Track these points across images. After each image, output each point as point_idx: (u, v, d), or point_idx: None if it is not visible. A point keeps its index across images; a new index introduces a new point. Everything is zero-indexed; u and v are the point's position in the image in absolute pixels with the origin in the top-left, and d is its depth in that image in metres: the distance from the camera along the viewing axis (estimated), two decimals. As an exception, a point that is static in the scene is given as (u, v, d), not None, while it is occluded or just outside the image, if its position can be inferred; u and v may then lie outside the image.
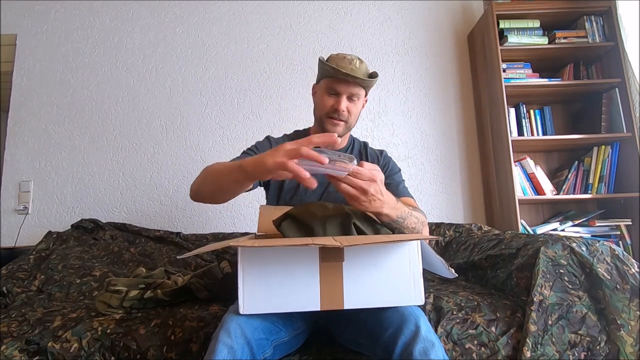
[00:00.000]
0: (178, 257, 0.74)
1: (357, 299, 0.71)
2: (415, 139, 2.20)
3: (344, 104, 1.10)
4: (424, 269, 0.75)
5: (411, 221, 0.90)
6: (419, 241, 0.74)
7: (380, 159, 1.24)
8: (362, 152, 1.25)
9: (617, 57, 1.97)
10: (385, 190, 0.80)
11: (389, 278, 0.72)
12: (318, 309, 0.70)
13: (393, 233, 0.96)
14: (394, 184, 1.18)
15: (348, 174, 0.72)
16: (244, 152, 1.16)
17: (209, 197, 0.96)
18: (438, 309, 0.93)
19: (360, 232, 0.82)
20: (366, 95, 1.17)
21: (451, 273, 0.83)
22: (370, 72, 1.13)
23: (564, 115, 2.22)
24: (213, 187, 0.92)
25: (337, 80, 1.08)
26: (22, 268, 1.41)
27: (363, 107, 1.20)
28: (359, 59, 1.10)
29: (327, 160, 0.67)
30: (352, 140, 1.27)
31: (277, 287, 0.71)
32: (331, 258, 0.71)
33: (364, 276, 0.72)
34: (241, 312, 0.70)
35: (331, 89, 1.11)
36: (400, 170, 1.26)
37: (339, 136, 1.13)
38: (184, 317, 0.94)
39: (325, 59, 1.12)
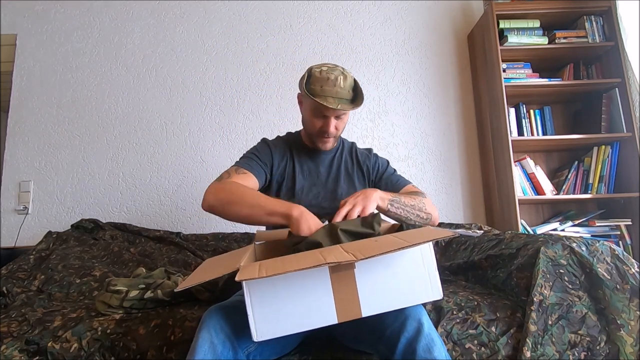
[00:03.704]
0: (175, 290, 0.69)
1: (375, 305, 0.68)
2: (415, 139, 2.20)
3: (333, 125, 1.10)
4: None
5: (406, 200, 1.05)
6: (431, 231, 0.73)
7: (370, 157, 1.27)
8: (352, 152, 1.27)
9: (617, 57, 1.97)
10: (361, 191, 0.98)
11: (403, 277, 0.69)
12: (336, 321, 0.66)
13: (396, 218, 1.04)
14: (393, 180, 1.22)
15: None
16: (244, 157, 1.16)
17: (230, 217, 1.01)
18: (438, 309, 0.93)
19: (347, 232, 0.82)
20: None
21: (476, 233, 0.81)
22: (354, 83, 1.10)
23: (564, 115, 2.21)
24: (243, 215, 0.98)
25: (324, 107, 1.05)
26: (22, 268, 1.41)
27: None
28: (342, 73, 1.06)
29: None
30: (341, 141, 1.29)
31: (289, 306, 0.66)
32: (342, 267, 0.67)
33: (378, 280, 0.69)
34: (255, 340, 0.65)
35: (318, 112, 1.08)
36: (388, 161, 1.30)
37: (329, 147, 1.19)
38: (183, 317, 0.94)
39: (306, 78, 1.06)
